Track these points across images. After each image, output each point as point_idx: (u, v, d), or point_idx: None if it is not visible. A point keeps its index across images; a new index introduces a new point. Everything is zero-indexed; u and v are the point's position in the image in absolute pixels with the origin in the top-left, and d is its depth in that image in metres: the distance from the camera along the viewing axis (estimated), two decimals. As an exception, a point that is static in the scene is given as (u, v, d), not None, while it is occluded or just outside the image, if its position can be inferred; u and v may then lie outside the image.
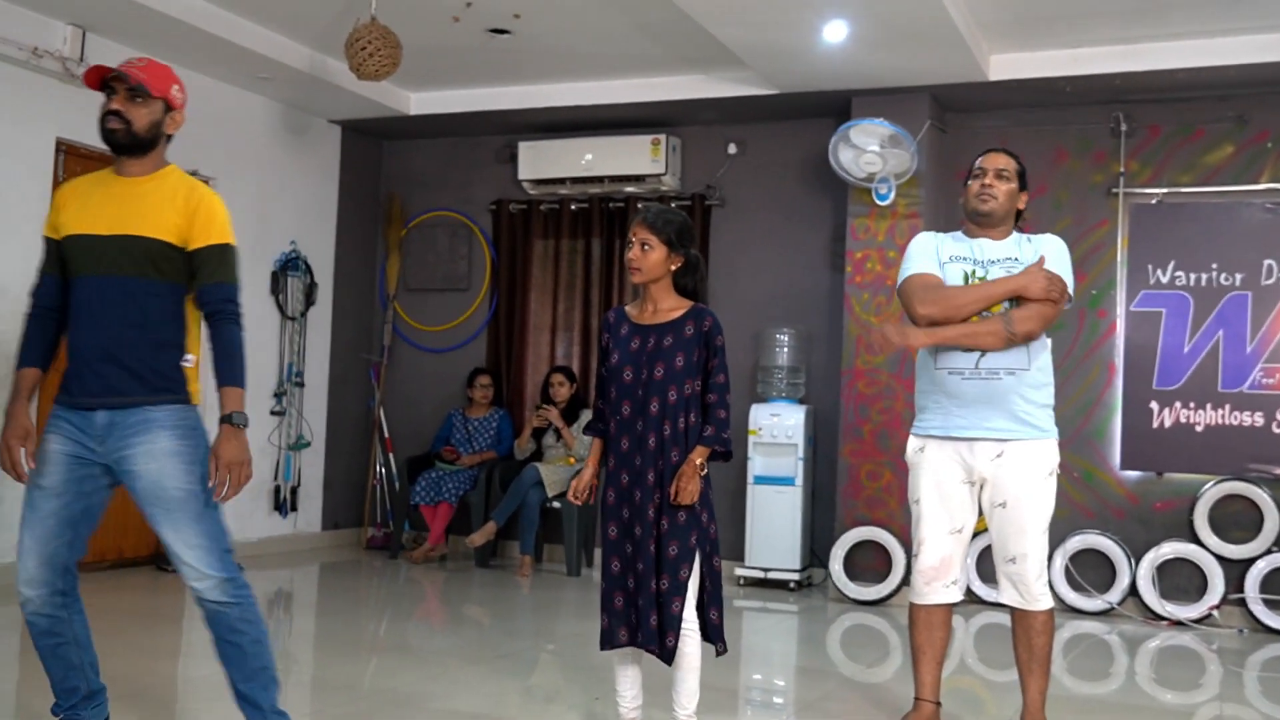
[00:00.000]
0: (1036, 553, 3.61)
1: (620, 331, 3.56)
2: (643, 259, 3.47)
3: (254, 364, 7.92)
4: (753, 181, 7.60)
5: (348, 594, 6.66)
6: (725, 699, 4.53)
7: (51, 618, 3.09)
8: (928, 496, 3.69)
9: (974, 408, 3.58)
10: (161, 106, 3.15)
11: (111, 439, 3.03)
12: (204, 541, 3.03)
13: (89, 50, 6.24)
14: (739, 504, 7.21)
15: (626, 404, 3.46)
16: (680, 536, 3.37)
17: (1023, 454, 3.59)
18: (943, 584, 3.71)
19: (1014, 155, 3.81)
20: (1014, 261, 3.65)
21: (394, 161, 8.59)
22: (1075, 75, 6.39)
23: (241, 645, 3.08)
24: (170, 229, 3.06)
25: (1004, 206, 3.71)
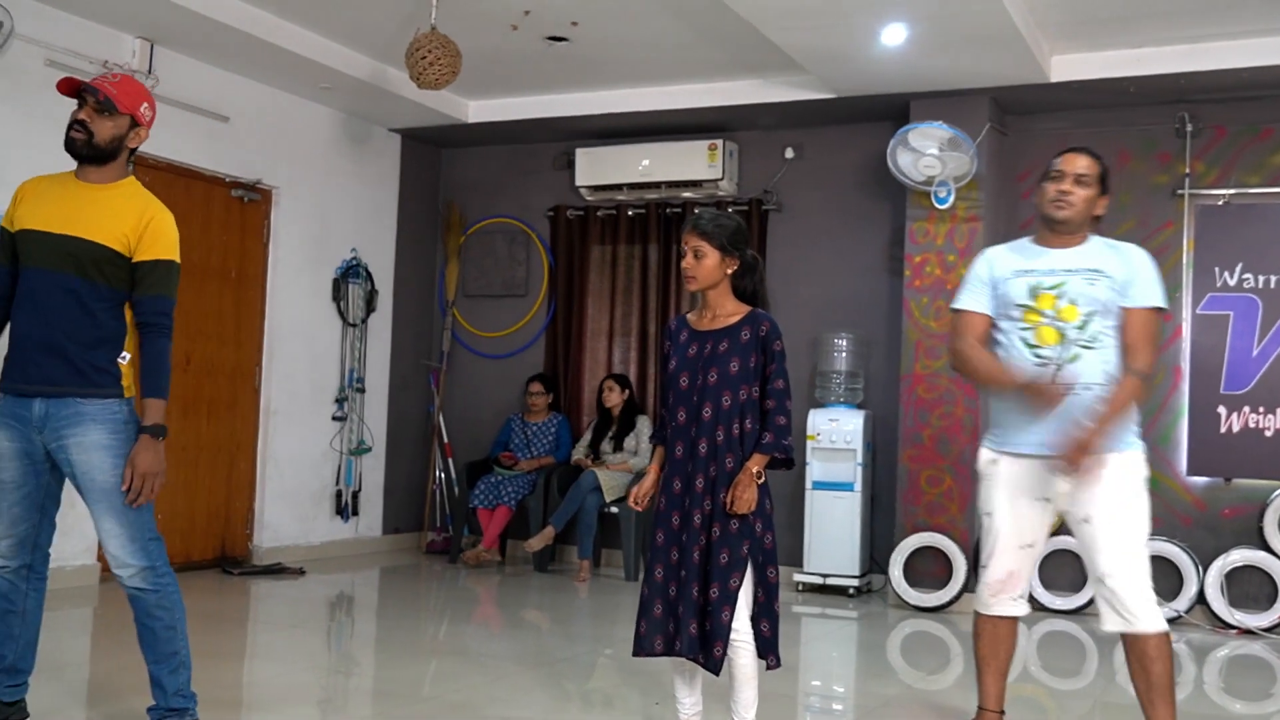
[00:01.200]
0: (1130, 569, 3.38)
1: (680, 338, 3.54)
2: (697, 266, 3.45)
3: (316, 370, 8.10)
4: (810, 186, 7.57)
5: (407, 598, 6.72)
6: (785, 706, 4.52)
7: (12, 585, 3.33)
8: (999, 511, 3.56)
9: (1049, 423, 3.39)
10: (128, 122, 3.29)
11: (47, 429, 3.21)
12: (127, 531, 3.20)
13: (157, 62, 6.37)
14: (797, 509, 7.18)
15: (682, 410, 3.45)
16: (731, 544, 3.33)
17: (1106, 467, 3.37)
18: (1009, 597, 3.60)
19: (1096, 156, 3.58)
20: (1096, 273, 3.45)
21: (453, 169, 8.67)
22: (1138, 75, 6.30)
23: (155, 630, 3.26)
24: (118, 238, 3.21)
25: (1081, 214, 3.50)
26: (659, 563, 3.42)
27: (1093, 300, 3.43)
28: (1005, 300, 3.54)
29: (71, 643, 5.00)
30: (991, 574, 3.60)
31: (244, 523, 7.20)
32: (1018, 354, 3.50)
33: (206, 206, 6.91)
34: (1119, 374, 3.44)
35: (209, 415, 6.97)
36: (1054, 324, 3.45)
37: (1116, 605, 3.39)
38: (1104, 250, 3.52)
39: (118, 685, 4.12)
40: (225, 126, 6.89)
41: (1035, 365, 3.45)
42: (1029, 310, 3.49)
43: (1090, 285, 3.44)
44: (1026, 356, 3.47)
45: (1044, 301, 3.48)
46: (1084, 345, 3.42)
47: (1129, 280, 3.46)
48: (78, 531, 5.90)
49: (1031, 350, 3.47)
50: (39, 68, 5.79)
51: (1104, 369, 3.42)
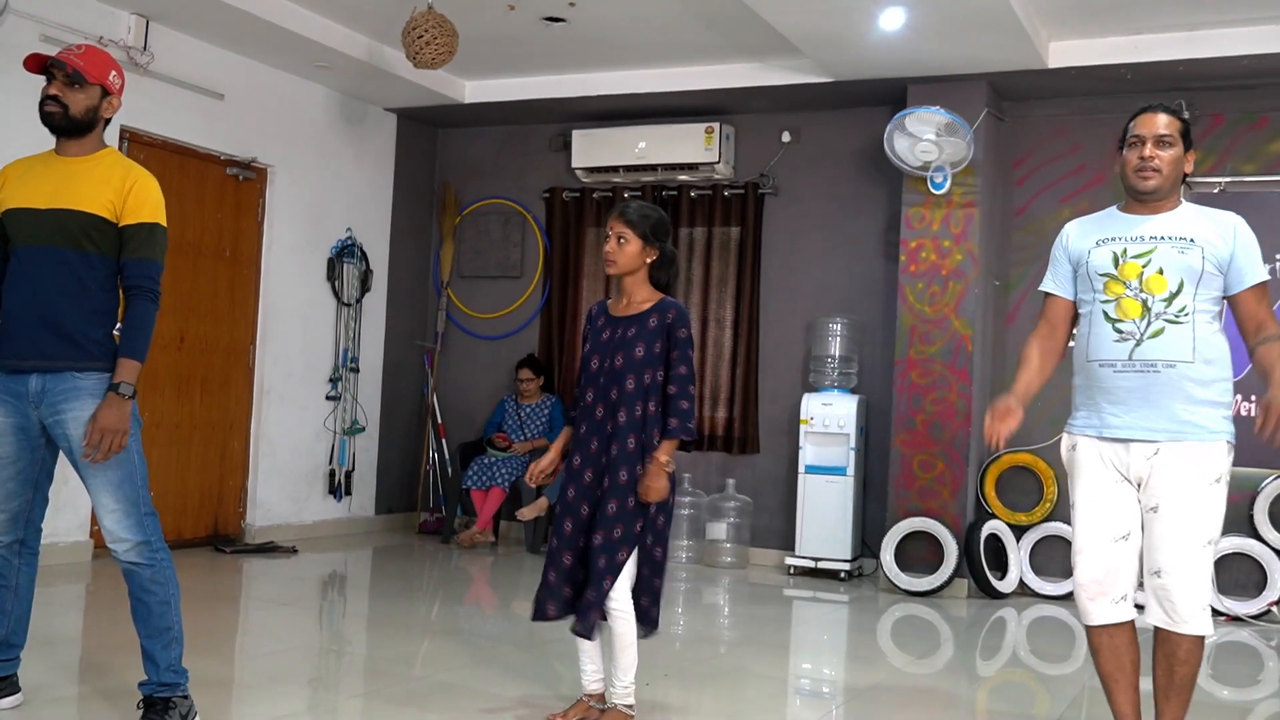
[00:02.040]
0: (1188, 568, 3.13)
1: (598, 323, 3.69)
2: (618, 252, 3.58)
3: (310, 350, 8.10)
4: (806, 170, 7.57)
5: (400, 578, 6.74)
6: (775, 688, 4.54)
7: (5, 560, 3.36)
8: (1084, 500, 3.28)
9: (1129, 404, 3.17)
10: (99, 92, 3.31)
11: (44, 404, 3.23)
12: (122, 506, 3.22)
13: (152, 39, 6.35)
14: (790, 493, 7.20)
15: (590, 391, 3.60)
16: (626, 521, 3.47)
17: (1181, 456, 3.16)
18: (1110, 600, 3.23)
19: (1174, 112, 3.29)
20: (1188, 243, 3.17)
21: (449, 149, 8.65)
22: (1136, 62, 6.29)
23: (149, 604, 3.27)
24: (105, 205, 3.23)
25: (1170, 178, 3.23)
26: (554, 535, 3.59)
27: (1184, 269, 3.17)
28: (1088, 273, 3.29)
29: (64, 618, 5.01)
30: (1083, 573, 3.26)
31: (237, 501, 7.21)
32: (1100, 329, 3.25)
33: (201, 185, 6.90)
34: (1224, 364, 3.22)
35: (203, 394, 6.97)
36: (1138, 295, 3.19)
37: (1165, 603, 3.16)
38: (1199, 218, 3.25)
39: (110, 661, 4.13)
40: (221, 104, 6.87)
41: (1114, 341, 3.20)
42: (1112, 280, 3.24)
43: (1181, 254, 3.17)
44: (1107, 332, 3.23)
45: (1128, 271, 3.22)
46: (1170, 320, 3.16)
47: (1232, 255, 3.20)
48: (71, 507, 5.91)
49: (1112, 324, 3.22)
50: (34, 43, 5.76)
51: (1191, 345, 3.15)
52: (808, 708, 4.19)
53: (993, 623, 6.01)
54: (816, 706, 4.15)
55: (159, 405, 6.65)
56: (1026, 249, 6.98)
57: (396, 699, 3.90)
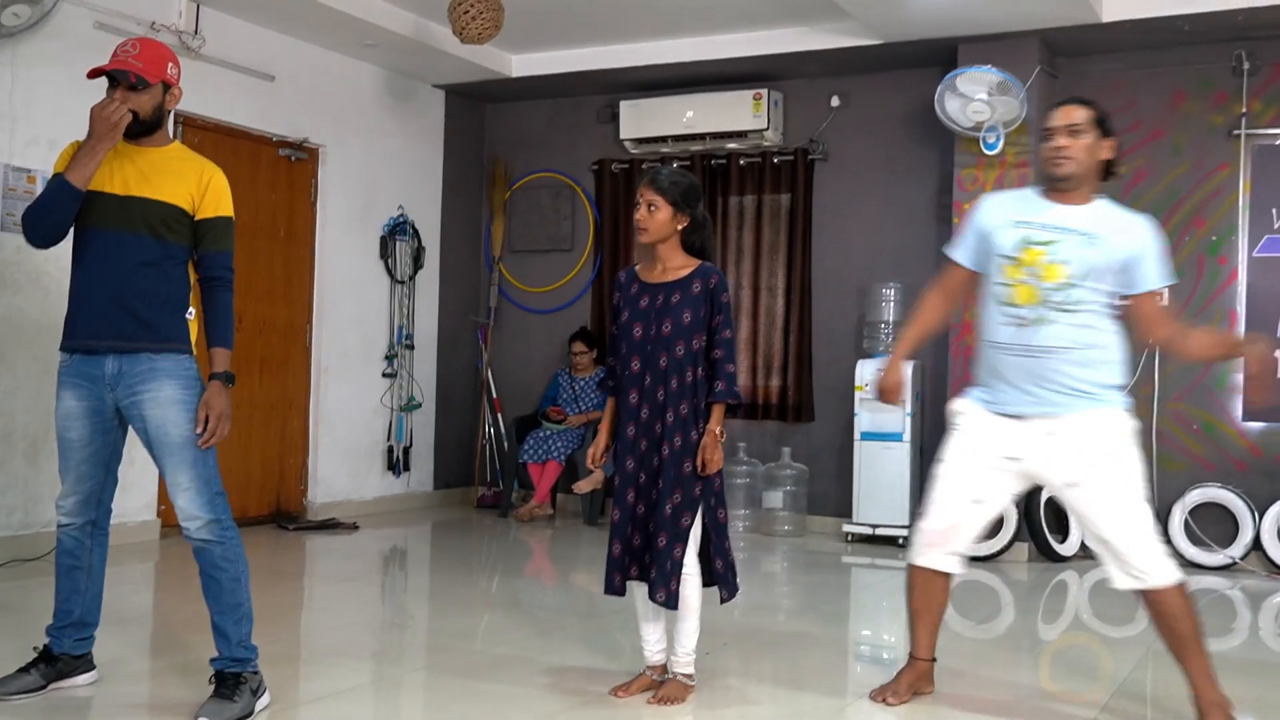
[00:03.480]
0: (1131, 526, 3.26)
1: (630, 290, 3.67)
2: (649, 219, 3.57)
3: (365, 328, 8.16)
4: (856, 134, 7.49)
5: (459, 552, 6.81)
6: (835, 654, 4.54)
7: (78, 541, 3.47)
8: (954, 461, 3.48)
9: (1020, 384, 3.33)
10: (161, 88, 3.39)
11: (120, 386, 3.32)
12: (196, 484, 3.30)
13: (204, 23, 6.40)
14: (846, 460, 7.17)
15: (636, 359, 3.59)
16: (685, 486, 3.49)
17: (1083, 425, 3.28)
18: (944, 551, 3.51)
19: (1088, 102, 3.41)
20: (1090, 238, 3.28)
21: (497, 124, 8.66)
22: (1193, 13, 6.14)
23: (220, 581, 3.35)
24: (184, 198, 3.36)
25: (1082, 166, 3.33)
26: (616, 506, 3.59)
27: (1083, 263, 3.28)
28: (993, 252, 3.41)
29: (135, 597, 5.12)
30: (930, 522, 3.53)
31: (298, 479, 7.31)
32: (993, 311, 3.40)
33: (254, 166, 6.97)
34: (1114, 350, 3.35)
35: (262, 373, 7.06)
36: (1033, 283, 3.31)
37: (1120, 564, 3.30)
38: (1108, 215, 3.37)
39: (181, 638, 4.22)
40: (271, 86, 6.92)
41: (1003, 324, 3.35)
42: (1012, 264, 3.36)
43: (1085, 248, 3.29)
44: (998, 314, 3.38)
45: (1030, 257, 3.33)
46: (1059, 308, 3.28)
47: (1136, 257, 3.31)
48: (139, 487, 6.03)
49: (1005, 308, 3.36)
50: (87, 30, 5.84)
51: (1078, 335, 3.28)
52: (869, 674, 4.18)
53: (1054, 586, 5.96)
54: (877, 673, 4.14)
55: (219, 386, 6.74)
56: (1083, 208, 6.86)
57: (459, 672, 3.95)
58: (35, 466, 5.62)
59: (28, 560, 5.46)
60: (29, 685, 3.42)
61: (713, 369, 3.54)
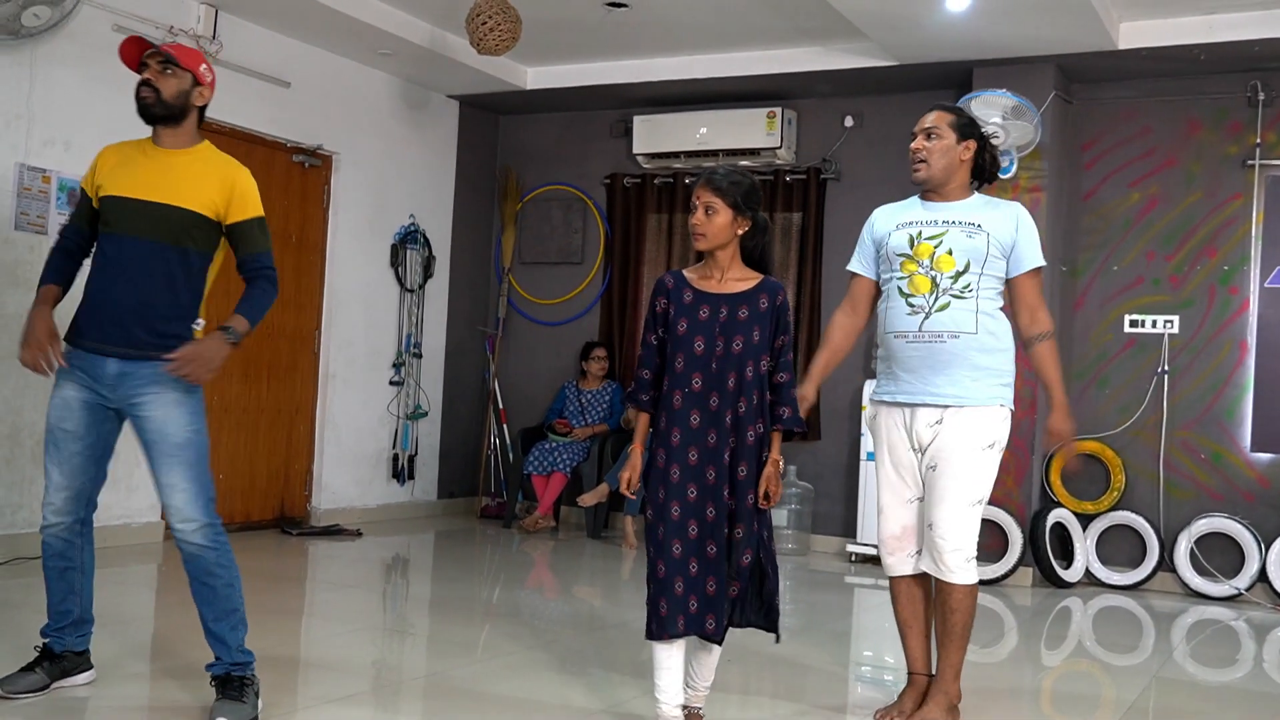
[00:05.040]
0: (956, 523, 3.46)
1: (684, 298, 3.29)
2: (708, 224, 3.28)
3: (374, 335, 8.16)
4: (869, 155, 7.50)
5: (462, 561, 6.80)
6: (836, 675, 4.52)
7: (67, 542, 3.43)
8: (882, 463, 3.65)
9: (919, 373, 3.51)
10: (190, 79, 3.37)
11: (123, 388, 3.29)
12: (192, 488, 3.27)
13: (221, 28, 6.43)
14: (851, 480, 7.16)
15: (697, 376, 3.24)
16: (746, 520, 3.22)
17: (960, 420, 3.47)
18: (906, 554, 3.63)
19: (948, 108, 3.63)
20: (974, 228, 3.49)
21: (510, 136, 8.68)
22: (1210, 43, 6.15)
23: (215, 588, 3.32)
24: (206, 203, 3.32)
25: (941, 168, 3.55)
26: (676, 538, 3.20)
27: (970, 251, 3.49)
28: (888, 254, 3.62)
29: (137, 598, 5.12)
30: (884, 529, 3.66)
31: (303, 484, 7.31)
32: (895, 304, 3.57)
33: (268, 172, 6.98)
34: (1005, 337, 3.53)
35: (269, 379, 7.07)
36: (928, 273, 3.51)
37: (934, 553, 3.49)
38: (985, 206, 3.58)
39: (181, 640, 4.21)
40: (287, 92, 6.95)
41: (905, 314, 3.53)
42: (907, 260, 3.56)
43: (969, 238, 3.49)
44: (900, 306, 3.56)
45: (922, 251, 3.54)
46: (955, 295, 3.49)
47: (1013, 242, 3.52)
48: (143, 489, 6.03)
49: (905, 299, 3.55)
50: (106, 32, 5.87)
51: (974, 319, 3.48)
52: (870, 695, 4.16)
53: (1058, 612, 5.94)
54: (879, 693, 4.13)
55: (228, 390, 6.76)
56: (1095, 234, 6.87)
57: (459, 681, 3.94)
58: (41, 465, 5.61)
59: (32, 559, 5.46)
60: (34, 684, 3.41)
61: (775, 393, 3.28)
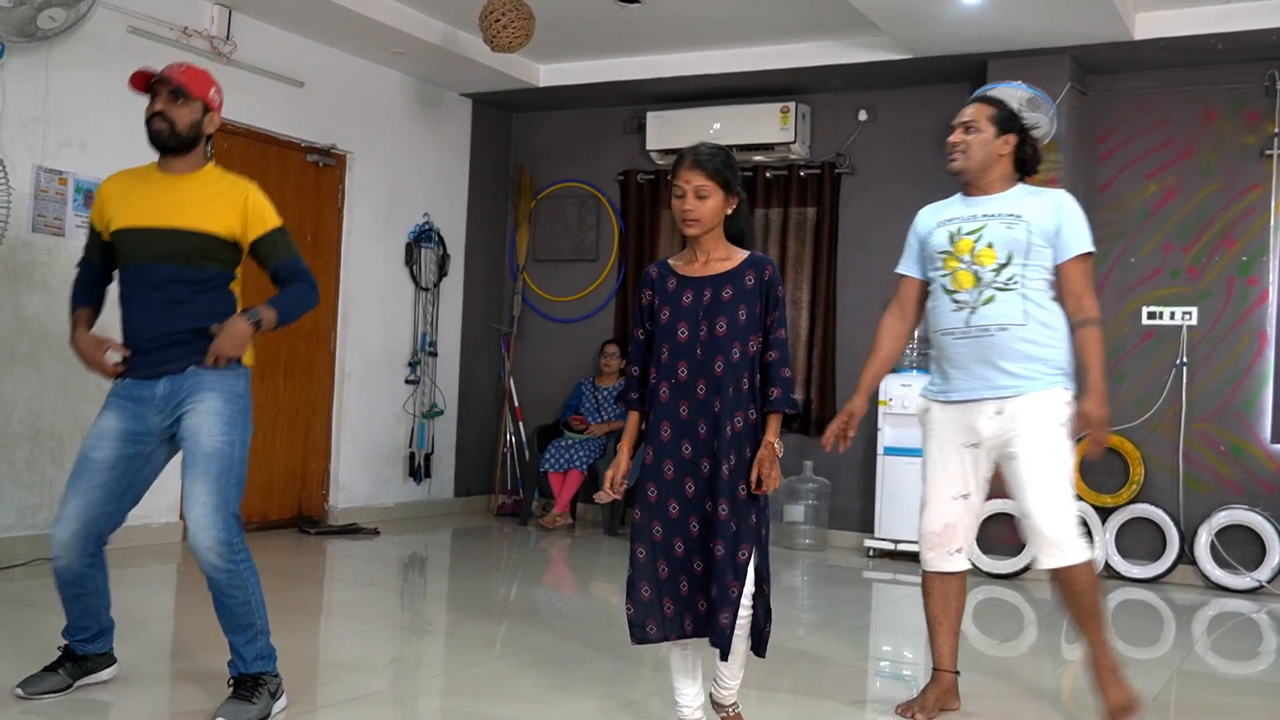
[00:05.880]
0: (1052, 505, 3.41)
1: (667, 286, 3.12)
2: (701, 208, 3.06)
3: (389, 334, 8.17)
4: (884, 149, 7.47)
5: (479, 559, 6.80)
6: (855, 670, 4.51)
7: (78, 574, 3.36)
8: (931, 460, 3.63)
9: (969, 368, 3.50)
10: (201, 107, 3.36)
11: (171, 403, 3.28)
12: (215, 501, 3.21)
13: (235, 28, 6.44)
14: (869, 475, 7.14)
15: (683, 365, 3.05)
16: (741, 514, 3.02)
17: (1026, 404, 3.44)
18: (946, 551, 3.60)
19: (989, 100, 3.63)
20: (1014, 219, 3.48)
21: (523, 133, 8.68)
22: (1226, 32, 6.11)
23: (230, 606, 3.29)
24: (220, 223, 3.31)
25: (978, 161, 3.55)
26: (677, 536, 3.05)
27: (1010, 243, 3.47)
28: (931, 252, 3.62)
29: (156, 600, 5.14)
30: (926, 524, 3.63)
31: (320, 484, 7.33)
32: (941, 301, 3.56)
33: (282, 171, 7.00)
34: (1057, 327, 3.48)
35: (286, 377, 7.09)
36: (970, 268, 3.50)
37: (1041, 541, 3.43)
38: (1026, 196, 3.56)
39: (200, 641, 4.22)
40: (301, 92, 6.96)
41: (951, 311, 3.52)
42: (949, 256, 3.56)
43: (1008, 229, 3.48)
44: (946, 303, 3.54)
45: (962, 247, 3.53)
46: (999, 288, 3.47)
47: (1056, 228, 3.48)
48: (162, 490, 5.98)
49: (950, 296, 3.54)
50: (121, 34, 5.89)
51: (1022, 310, 3.45)
52: (889, 690, 4.15)
53: (1077, 606, 5.91)
54: (897, 689, 4.11)
55: (244, 389, 6.77)
56: (1111, 226, 6.83)
57: (477, 678, 3.94)
58: (61, 466, 5.64)
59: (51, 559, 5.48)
60: (57, 685, 3.41)
61: (766, 374, 3.07)
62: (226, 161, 6.53)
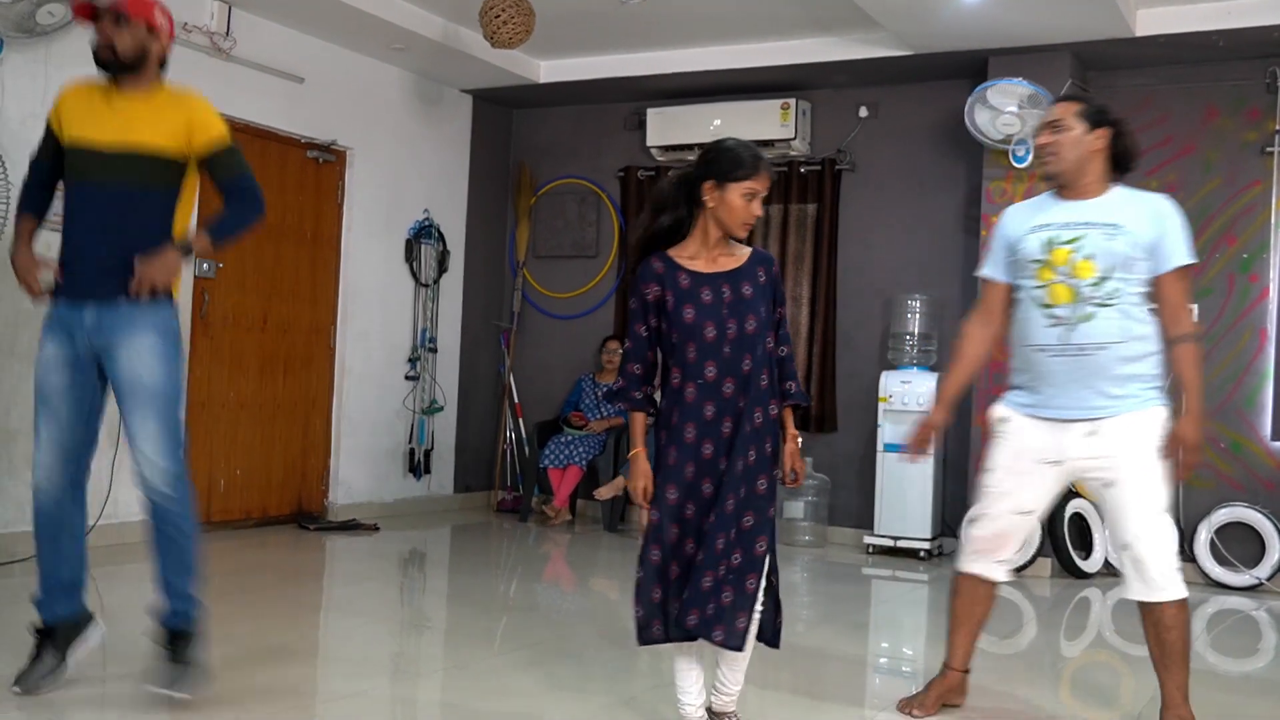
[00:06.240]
0: (1153, 535, 3.25)
1: (680, 282, 3.02)
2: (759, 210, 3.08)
3: (389, 330, 8.16)
4: (884, 145, 7.47)
5: (479, 555, 6.80)
6: (854, 666, 4.51)
7: (58, 503, 3.39)
8: (999, 469, 3.46)
9: (1064, 387, 3.31)
10: (144, 28, 3.38)
11: (100, 335, 3.30)
12: (164, 429, 3.28)
13: (235, 24, 6.43)
14: (868, 472, 7.14)
15: (711, 365, 2.99)
16: (757, 507, 3.01)
17: (1124, 428, 3.26)
18: (993, 559, 3.50)
19: (1074, 97, 3.48)
20: (1114, 229, 3.27)
21: (523, 130, 8.68)
22: (1228, 29, 6.10)
23: (177, 541, 3.32)
24: (166, 137, 3.33)
25: (1071, 161, 3.34)
26: (690, 537, 3.00)
27: (1111, 255, 3.26)
28: (1022, 259, 3.40)
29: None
30: (978, 530, 3.50)
31: (319, 479, 7.33)
32: (1032, 315, 3.37)
33: (282, 167, 7.00)
34: (1153, 340, 3.32)
35: (286, 373, 7.09)
36: (1067, 281, 3.30)
37: (1140, 573, 3.28)
38: (1127, 202, 3.35)
39: (211, 633, 4.22)
40: (301, 88, 6.95)
41: (1046, 326, 3.32)
42: (1043, 266, 3.34)
43: (1109, 240, 3.27)
44: (1039, 317, 3.35)
45: (1058, 257, 3.32)
46: (1099, 303, 3.27)
47: (1158, 239, 3.29)
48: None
49: (1044, 310, 3.34)
50: (120, 30, 5.88)
51: (1121, 327, 3.26)
52: (888, 687, 4.15)
53: (1077, 603, 5.92)
54: (897, 686, 4.11)
55: (245, 385, 6.78)
56: (1112, 223, 6.82)
57: (477, 673, 3.94)
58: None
59: (22, 560, 5.48)
60: (49, 669, 3.36)
61: (781, 369, 3.09)
62: (226, 157, 6.57)
